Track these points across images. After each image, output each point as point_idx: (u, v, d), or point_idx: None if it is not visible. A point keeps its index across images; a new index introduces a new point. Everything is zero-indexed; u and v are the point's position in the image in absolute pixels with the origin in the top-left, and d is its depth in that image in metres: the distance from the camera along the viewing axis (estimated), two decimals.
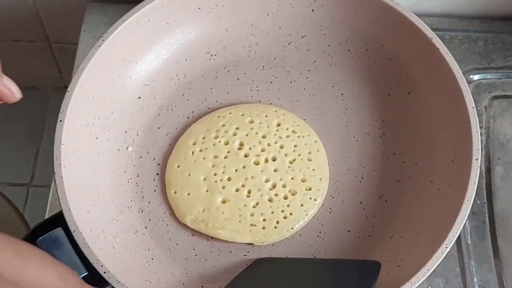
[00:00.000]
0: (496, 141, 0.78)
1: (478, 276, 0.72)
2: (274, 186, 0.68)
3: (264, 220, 0.66)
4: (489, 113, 0.80)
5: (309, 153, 0.70)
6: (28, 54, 1.09)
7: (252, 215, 0.67)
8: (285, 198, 0.67)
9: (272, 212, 0.67)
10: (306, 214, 0.67)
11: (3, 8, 0.98)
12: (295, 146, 0.70)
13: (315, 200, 0.68)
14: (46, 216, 0.73)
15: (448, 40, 0.84)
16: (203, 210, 0.67)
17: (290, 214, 0.67)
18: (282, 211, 0.67)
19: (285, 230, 0.66)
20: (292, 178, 0.68)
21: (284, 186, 0.68)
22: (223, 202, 0.67)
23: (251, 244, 0.67)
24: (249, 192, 0.68)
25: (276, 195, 0.68)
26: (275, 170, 0.69)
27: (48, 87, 1.19)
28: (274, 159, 0.69)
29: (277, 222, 0.66)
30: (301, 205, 0.67)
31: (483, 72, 0.82)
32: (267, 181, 0.68)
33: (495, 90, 0.81)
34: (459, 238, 0.73)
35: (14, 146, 1.18)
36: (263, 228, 0.66)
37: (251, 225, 0.66)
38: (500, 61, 0.83)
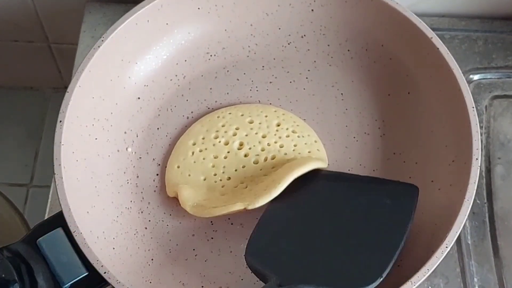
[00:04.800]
0: (496, 140, 0.78)
1: (478, 276, 0.72)
2: (267, 174, 0.68)
3: (256, 193, 0.66)
4: (489, 112, 0.80)
5: (309, 152, 0.70)
6: (27, 55, 1.09)
7: (244, 194, 0.67)
8: (275, 170, 0.68)
9: (262, 183, 0.67)
10: (290, 168, 0.66)
11: (3, 8, 0.98)
12: (295, 145, 0.70)
13: (299, 155, 0.68)
14: (46, 217, 0.73)
15: (448, 40, 0.83)
16: (204, 200, 0.67)
17: (277, 175, 0.66)
18: (271, 178, 0.67)
19: (273, 188, 0.65)
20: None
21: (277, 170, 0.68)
22: (222, 195, 0.68)
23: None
24: (246, 186, 0.68)
25: (266, 176, 0.68)
26: (273, 167, 0.69)
27: (48, 88, 1.19)
28: (273, 158, 0.69)
29: (266, 185, 0.66)
30: (287, 163, 0.67)
31: (483, 71, 0.82)
32: (264, 175, 0.68)
33: (495, 90, 0.81)
34: (459, 238, 0.73)
35: (14, 147, 1.18)
36: (255, 195, 0.65)
37: (243, 198, 0.66)
38: (501, 61, 0.83)
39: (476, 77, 0.81)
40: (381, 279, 0.58)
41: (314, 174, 0.68)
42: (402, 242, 0.61)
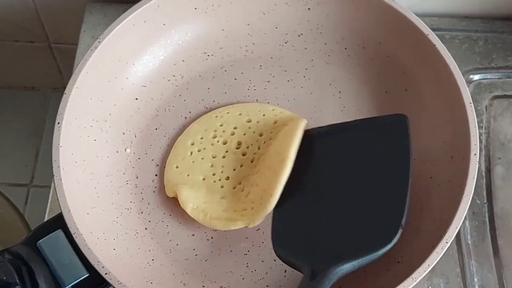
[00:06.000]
0: (496, 140, 0.78)
1: (478, 276, 0.72)
2: (258, 172, 0.68)
3: (253, 202, 0.66)
4: (489, 113, 0.80)
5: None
6: (28, 55, 1.09)
7: (244, 202, 0.67)
8: (265, 175, 0.67)
9: (257, 193, 0.67)
10: (276, 174, 0.65)
11: (3, 8, 0.98)
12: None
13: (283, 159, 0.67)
14: (46, 216, 0.74)
15: (449, 40, 0.83)
16: (204, 202, 0.67)
17: (268, 184, 0.66)
18: (263, 188, 0.66)
19: (267, 202, 0.64)
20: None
21: (269, 168, 0.68)
22: (222, 198, 0.68)
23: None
24: (243, 188, 0.68)
25: (259, 177, 0.67)
26: (264, 161, 0.69)
27: (48, 88, 1.19)
28: (263, 153, 0.69)
29: (261, 198, 0.65)
30: (273, 171, 0.66)
31: (484, 72, 0.81)
32: (257, 172, 0.68)
33: (496, 90, 0.81)
34: (459, 238, 0.73)
35: (14, 146, 1.18)
36: (252, 208, 0.66)
37: (243, 210, 0.66)
38: (501, 61, 0.82)
39: (476, 77, 0.81)
40: (402, 229, 0.59)
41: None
42: (409, 182, 0.61)
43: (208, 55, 0.75)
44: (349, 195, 0.63)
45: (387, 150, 0.64)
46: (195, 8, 0.74)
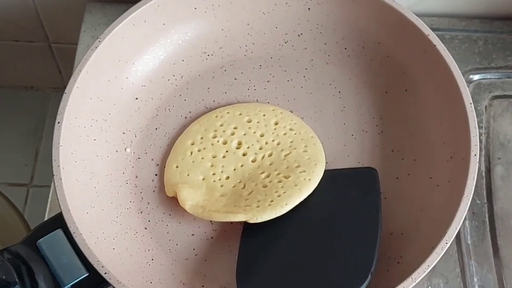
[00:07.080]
0: (496, 141, 0.78)
1: (478, 276, 0.72)
2: (268, 176, 0.68)
3: (259, 201, 0.66)
4: (489, 113, 0.80)
5: (305, 146, 0.69)
6: (28, 54, 1.09)
7: (246, 199, 0.67)
8: (279, 182, 0.67)
9: (266, 194, 0.66)
10: (300, 191, 0.66)
11: (3, 8, 0.98)
12: (291, 142, 0.70)
13: (309, 180, 0.67)
14: (46, 216, 0.74)
15: (448, 40, 0.83)
16: (203, 200, 0.67)
17: (284, 192, 0.66)
18: (276, 192, 0.66)
19: (279, 206, 0.65)
20: (287, 167, 0.68)
21: (278, 174, 0.68)
22: (221, 196, 0.68)
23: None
24: (244, 185, 0.68)
25: (270, 181, 0.67)
26: (271, 164, 0.69)
27: (48, 87, 1.19)
28: (270, 155, 0.69)
29: (271, 201, 0.65)
30: (295, 185, 0.66)
31: (483, 72, 0.81)
32: (262, 173, 0.68)
33: (495, 90, 0.81)
34: (459, 238, 0.73)
35: (14, 146, 1.18)
36: (258, 206, 0.65)
37: (246, 206, 0.66)
38: (500, 61, 0.83)
39: (476, 77, 0.81)
40: (371, 276, 0.59)
41: None
42: (379, 231, 0.62)
43: (208, 55, 0.75)
44: (320, 242, 0.64)
45: (358, 202, 0.65)
46: (195, 8, 0.74)
